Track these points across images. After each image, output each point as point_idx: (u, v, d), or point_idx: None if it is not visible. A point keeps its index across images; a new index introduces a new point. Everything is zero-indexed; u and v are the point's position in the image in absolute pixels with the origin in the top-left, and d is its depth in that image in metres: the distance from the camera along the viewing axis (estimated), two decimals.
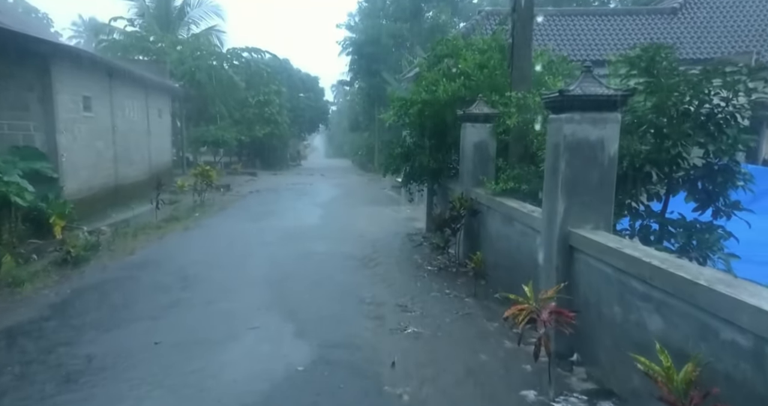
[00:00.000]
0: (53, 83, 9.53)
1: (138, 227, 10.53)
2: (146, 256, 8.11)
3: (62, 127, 9.94)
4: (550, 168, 4.33)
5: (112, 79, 12.84)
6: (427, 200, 10.91)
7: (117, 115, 13.28)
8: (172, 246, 8.96)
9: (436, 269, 7.53)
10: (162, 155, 18.11)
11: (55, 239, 9.03)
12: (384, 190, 21.36)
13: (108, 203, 12.39)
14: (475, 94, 7.85)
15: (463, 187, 7.72)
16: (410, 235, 10.69)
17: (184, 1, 28.84)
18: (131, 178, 14.32)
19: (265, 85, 31.46)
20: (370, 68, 31.60)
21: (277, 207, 15.24)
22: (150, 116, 16.47)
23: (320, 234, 10.66)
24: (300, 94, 42.39)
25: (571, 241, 4.15)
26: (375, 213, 14.42)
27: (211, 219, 12.41)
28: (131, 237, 9.42)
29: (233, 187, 19.79)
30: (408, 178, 9.77)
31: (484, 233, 6.96)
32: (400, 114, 9.40)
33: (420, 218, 12.85)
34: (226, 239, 9.81)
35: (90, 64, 10.75)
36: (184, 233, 10.33)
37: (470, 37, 8.92)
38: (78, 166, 10.73)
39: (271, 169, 33.16)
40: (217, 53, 26.58)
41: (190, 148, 27.36)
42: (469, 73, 7.95)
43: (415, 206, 15.42)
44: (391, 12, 32.92)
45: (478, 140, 7.43)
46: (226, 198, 16.71)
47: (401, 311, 5.60)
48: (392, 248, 9.35)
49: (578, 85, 4.02)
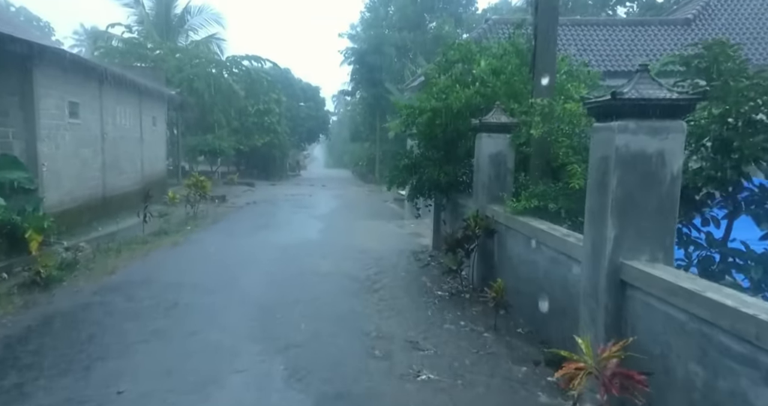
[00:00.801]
0: (35, 87, 8.86)
1: (123, 241, 9.78)
2: (127, 276, 7.36)
3: (44, 135, 9.26)
4: (596, 186, 3.62)
5: (103, 85, 12.19)
6: (434, 216, 10.19)
7: (107, 122, 12.62)
8: (157, 264, 8.21)
9: (448, 295, 6.78)
10: (155, 164, 17.42)
11: (30, 255, 8.29)
12: (386, 203, 20.65)
13: (95, 215, 11.67)
14: (491, 102, 7.19)
15: (478, 203, 7.01)
16: (416, 253, 9.96)
17: (185, 9, 28.43)
18: (121, 188, 13.61)
19: (265, 94, 30.93)
20: (372, 78, 31.11)
21: (274, 220, 14.51)
22: (143, 124, 15.82)
23: (319, 251, 9.92)
24: (300, 104, 41.88)
25: (624, 275, 3.42)
26: (377, 228, 13.69)
27: (202, 233, 11.67)
28: (114, 254, 8.67)
29: (229, 199, 19.08)
30: (415, 191, 9.07)
31: (503, 256, 6.23)
32: (408, 123, 8.74)
33: (425, 234, 12.11)
34: (217, 257, 9.06)
35: (77, 68, 10.10)
36: (172, 249, 9.58)
37: (483, 42, 8.25)
38: (61, 175, 10.02)
39: (270, 179, 32.49)
40: (217, 61, 26.06)
41: (186, 157, 26.70)
42: (484, 80, 7.29)
43: (419, 220, 14.71)
44: (394, 22, 32.57)
45: (494, 152, 6.74)
46: (220, 210, 15.98)
47: (411, 349, 4.85)
48: (397, 268, 8.61)
49: (633, 87, 3.33)
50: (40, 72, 9.00)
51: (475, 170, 7.19)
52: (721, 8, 16.69)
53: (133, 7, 27.47)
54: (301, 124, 42.06)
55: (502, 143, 6.71)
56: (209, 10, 28.62)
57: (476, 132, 7.05)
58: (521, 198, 5.88)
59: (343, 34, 33.83)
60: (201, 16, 28.70)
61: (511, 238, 5.96)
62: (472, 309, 6.12)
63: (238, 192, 21.98)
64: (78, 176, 10.85)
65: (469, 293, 6.69)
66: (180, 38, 28.06)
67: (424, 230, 13.05)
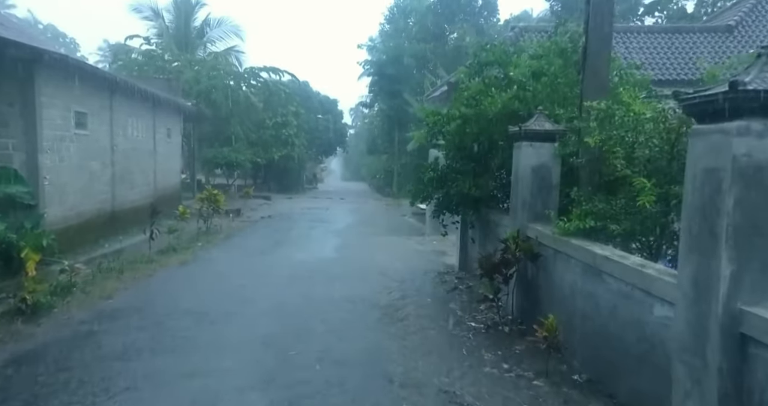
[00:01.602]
0: (37, 96, 8.36)
1: (128, 260, 9.14)
2: (125, 301, 6.66)
3: (47, 146, 8.73)
4: (698, 207, 2.77)
5: (114, 95, 11.73)
6: (460, 233, 9.33)
7: (117, 134, 12.13)
8: (160, 287, 7.51)
9: (483, 327, 5.91)
10: (169, 177, 16.94)
11: (26, 276, 7.69)
12: (404, 218, 19.84)
13: (102, 231, 11.10)
14: (531, 108, 6.38)
15: (516, 222, 6.16)
16: (441, 274, 9.10)
17: (204, 22, 28.42)
18: (132, 202, 13.07)
19: (283, 107, 30.60)
20: (391, 89, 30.57)
21: (290, 236, 13.80)
22: (157, 136, 15.36)
23: (337, 271, 9.13)
24: (318, 116, 41.56)
25: (746, 327, 2.55)
26: (397, 245, 12.86)
27: (213, 251, 11.00)
28: (116, 275, 8.01)
29: (244, 212, 18.49)
30: (441, 207, 8.25)
31: (550, 284, 5.35)
32: (434, 132, 7.97)
33: (450, 253, 11.25)
34: (226, 278, 8.34)
35: (84, 76, 9.61)
36: (179, 269, 8.90)
37: (519, 43, 7.47)
38: (65, 189, 9.47)
39: (287, 192, 32.00)
40: (235, 73, 25.80)
41: (203, 170, 26.37)
42: (523, 83, 6.49)
43: (441, 236, 13.83)
44: (414, 33, 32.08)
45: (537, 163, 5.90)
46: (234, 225, 15.35)
47: (448, 402, 3.99)
48: (422, 291, 7.76)
49: (757, 75, 2.49)
50: (43, 79, 8.50)
51: (513, 184, 6.35)
52: (766, 14, 15.66)
53: (153, 20, 27.56)
54: (319, 136, 41.70)
55: (546, 153, 5.87)
56: (228, 22, 28.59)
57: (514, 141, 6.23)
58: (572, 217, 5.02)
59: (362, 45, 33.36)
60: (220, 28, 28.66)
61: (561, 264, 5.08)
62: (514, 347, 5.24)
63: (254, 205, 21.42)
64: (84, 190, 10.31)
65: (508, 326, 5.81)
66: (199, 50, 27.99)
67: (447, 247, 12.18)
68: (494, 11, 34.30)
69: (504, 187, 7.60)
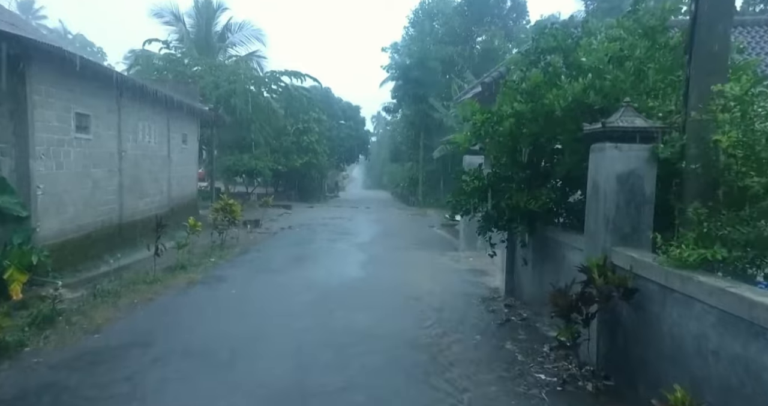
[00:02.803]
0: (29, 94, 7.42)
1: (130, 280, 8.10)
2: (115, 337, 5.55)
3: (41, 151, 7.78)
4: None
5: (122, 97, 10.82)
6: (507, 252, 8.01)
7: (126, 139, 11.21)
8: (159, 316, 6.39)
9: (558, 382, 4.58)
10: (185, 186, 16.04)
11: (11, 300, 6.70)
12: (433, 229, 18.55)
13: (108, 245, 10.12)
14: (610, 100, 5.10)
15: (596, 244, 4.85)
16: (486, 300, 7.79)
17: (225, 26, 27.86)
18: (142, 213, 12.13)
19: (304, 113, 29.75)
20: (416, 94, 29.41)
21: (310, 250, 12.66)
22: (172, 141, 14.47)
23: (362, 295, 7.92)
24: (341, 121, 40.71)
25: None
26: (429, 261, 11.59)
27: (226, 268, 9.91)
28: (112, 299, 6.95)
29: (263, 223, 17.47)
30: (488, 222, 6.96)
31: (656, 332, 4.00)
32: (481, 133, 6.70)
33: (491, 272, 9.93)
34: (238, 304, 7.19)
35: (87, 73, 8.68)
36: (185, 291, 7.80)
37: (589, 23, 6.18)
38: (63, 200, 8.51)
39: (308, 200, 31.05)
40: (256, 77, 25.01)
41: (222, 177, 25.59)
42: (599, 70, 5.20)
43: (476, 251, 12.52)
44: (440, 36, 30.93)
45: (624, 170, 4.59)
46: (252, 237, 14.31)
47: None
48: (467, 324, 6.46)
49: None
50: (37, 76, 7.57)
51: (590, 197, 5.04)
52: None
53: (174, 25, 27.12)
54: (341, 144, 40.80)
55: (637, 157, 4.56)
56: (250, 26, 27.97)
57: (591, 143, 4.94)
58: (687, 242, 3.71)
59: (386, 48, 32.32)
60: (242, 32, 28.06)
61: (677, 307, 3.75)
62: None
63: (273, 215, 20.42)
64: (86, 200, 9.36)
65: (591, 382, 4.47)
66: (220, 55, 27.40)
67: (486, 265, 10.86)
68: (523, 13, 32.93)
69: (568, 199, 6.29)
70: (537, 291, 6.98)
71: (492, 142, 6.79)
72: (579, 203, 6.23)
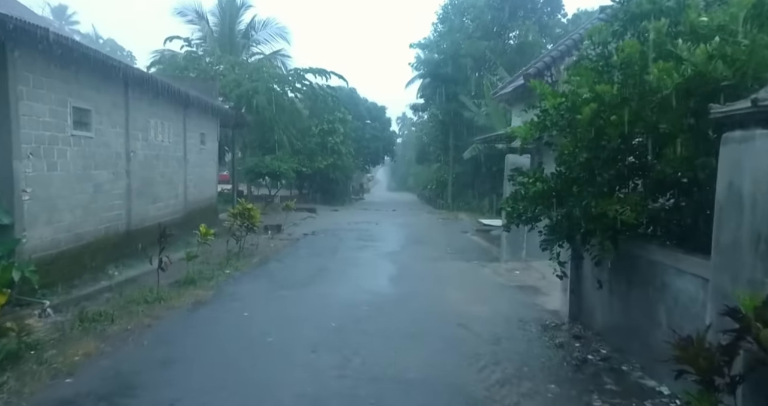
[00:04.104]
0: (13, 84, 6.42)
1: (129, 298, 7.02)
2: (90, 380, 4.40)
3: (28, 150, 6.78)
4: None
5: (130, 90, 9.85)
6: (572, 269, 6.57)
7: (135, 137, 10.24)
8: (150, 351, 5.22)
9: None
10: (203, 189, 15.10)
11: None
12: (467, 235, 17.13)
13: (114, 255, 9.14)
14: (745, 73, 3.70)
15: (735, 272, 3.45)
16: (548, 328, 6.40)
17: (249, 25, 27.09)
18: (154, 219, 11.15)
19: (329, 113, 28.73)
20: (446, 92, 28.05)
21: (335, 260, 11.45)
22: (188, 141, 13.53)
23: (395, 320, 6.61)
24: (367, 121, 39.61)
25: None
26: (469, 274, 10.23)
27: (241, 282, 8.78)
28: (102, 324, 5.85)
29: (285, 228, 16.39)
30: (558, 234, 5.59)
31: None
32: (548, 124, 5.36)
33: (543, 289, 8.53)
34: (249, 332, 5.99)
35: (84, 62, 7.68)
36: (191, 314, 6.65)
37: None
38: (57, 206, 7.52)
39: (333, 203, 29.98)
40: (279, 75, 24.06)
41: (245, 180, 24.73)
42: (731, 32, 3.79)
43: (522, 262, 11.09)
44: (471, 32, 29.47)
45: None
46: (273, 244, 13.20)
47: None
48: (534, 366, 5.09)
49: None
50: (23, 63, 6.57)
51: (724, 204, 3.63)
52: None
53: (197, 24, 26.52)
54: (366, 145, 39.70)
55: None
56: (274, 23, 27.13)
57: (722, 130, 3.56)
58: None
59: (414, 44, 30.99)
60: (266, 30, 27.25)
61: None
62: None
63: (297, 219, 19.34)
64: (86, 206, 8.37)
65: None
66: (243, 54, 26.66)
67: (536, 279, 9.46)
68: (559, 7, 31.19)
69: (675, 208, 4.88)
70: (616, 321, 5.58)
71: (563, 134, 5.44)
72: (681, 212, 4.83)
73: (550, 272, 10.01)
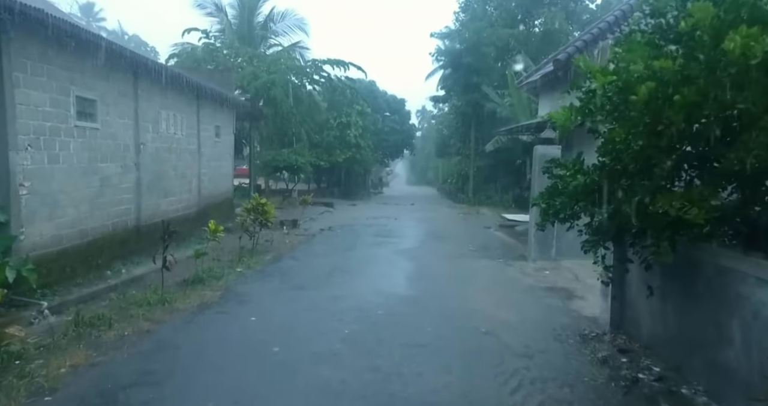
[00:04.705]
0: (7, 70, 6.00)
1: (131, 299, 6.61)
2: (71, 400, 3.94)
3: (25, 141, 6.38)
4: None
5: (140, 80, 9.44)
6: (615, 272, 5.86)
7: (146, 130, 9.84)
8: (145, 363, 4.72)
9: None
10: (219, 183, 14.72)
11: None
12: (489, 231, 16.43)
13: (122, 253, 8.77)
14: None
15: None
16: (587, 339, 5.74)
17: (267, 17, 26.68)
18: (165, 213, 10.77)
19: (348, 106, 28.16)
20: (468, 82, 27.16)
21: (352, 258, 10.92)
22: (202, 134, 13.12)
23: (415, 328, 6.02)
24: (386, 113, 38.93)
25: None
26: (495, 274, 9.58)
27: (252, 281, 8.31)
28: (97, 330, 5.41)
29: (302, 223, 15.95)
30: (604, 235, 4.91)
31: None
32: (592, 108, 4.68)
33: (577, 292, 7.86)
34: (255, 340, 5.48)
35: (88, 48, 7.25)
36: (194, 318, 6.18)
37: None
38: (59, 200, 7.13)
39: (351, 198, 29.50)
40: (297, 67, 23.57)
41: (262, 173, 24.39)
42: None
43: (552, 261, 10.38)
44: (494, 20, 28.46)
45: None
46: (288, 240, 12.75)
47: None
48: (576, 388, 4.43)
49: None
50: (20, 48, 6.15)
51: None
52: None
53: (216, 16, 26.24)
54: (385, 138, 39.01)
55: None
56: (292, 15, 26.69)
57: None
58: None
59: (435, 33, 30.16)
60: (284, 22, 26.83)
61: None
62: None
63: (313, 214, 18.91)
64: (92, 200, 7.99)
65: None
66: (261, 46, 26.27)
67: (568, 281, 8.78)
68: None
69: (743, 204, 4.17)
70: (671, 334, 4.89)
71: (610, 119, 4.74)
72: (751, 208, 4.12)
73: (584, 273, 9.33)
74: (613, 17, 13.59)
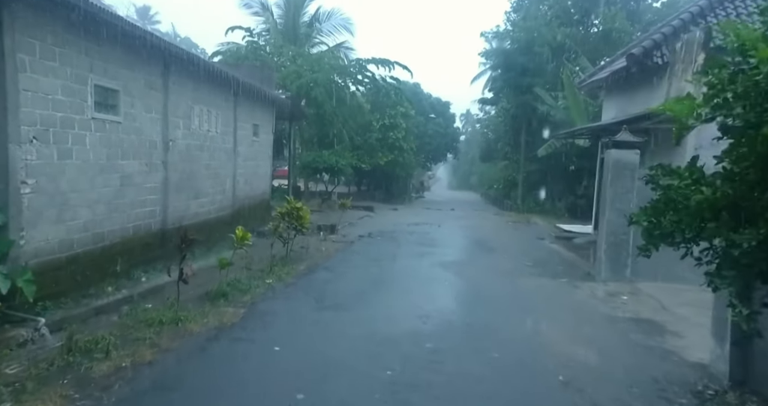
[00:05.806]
0: (10, 51, 5.25)
1: (141, 317, 5.73)
2: None
3: (30, 133, 5.63)
4: None
5: (170, 71, 8.70)
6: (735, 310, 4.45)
7: (175, 125, 9.10)
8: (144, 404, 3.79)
9: None
10: (255, 184, 13.97)
11: None
12: (544, 242, 14.93)
13: (143, 259, 7.99)
14: None
15: None
16: (701, 397, 4.38)
17: (313, 17, 26.11)
18: (196, 216, 10.03)
19: (392, 107, 27.17)
20: (519, 84, 25.58)
21: (391, 271, 9.79)
22: (239, 132, 12.38)
23: (473, 372, 4.80)
24: (431, 115, 37.73)
25: None
26: (560, 298, 8.21)
27: (281, 297, 7.33)
28: (92, 358, 4.51)
29: (340, 228, 14.97)
30: (744, 270, 3.56)
31: None
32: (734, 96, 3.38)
33: (668, 325, 6.41)
34: (272, 379, 4.43)
35: (114, 35, 6.49)
36: (208, 345, 5.20)
37: None
38: (70, 200, 6.38)
39: (392, 202, 28.44)
40: (341, 67, 22.78)
41: (302, 175, 23.71)
42: None
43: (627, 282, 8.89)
44: (549, 19, 26.76)
45: None
46: (324, 247, 11.77)
47: None
48: None
49: None
50: (25, 26, 5.40)
51: None
52: None
53: (261, 15, 25.94)
54: (429, 141, 37.76)
55: None
56: (339, 15, 26.01)
57: None
58: None
59: (485, 33, 28.76)
60: (330, 21, 26.18)
61: None
62: None
63: (353, 218, 17.92)
64: (110, 201, 7.23)
65: None
66: (306, 45, 25.73)
67: (653, 309, 7.31)
68: None
69: None
70: None
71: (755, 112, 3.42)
72: None
73: (670, 300, 7.82)
74: (697, 7, 11.92)
